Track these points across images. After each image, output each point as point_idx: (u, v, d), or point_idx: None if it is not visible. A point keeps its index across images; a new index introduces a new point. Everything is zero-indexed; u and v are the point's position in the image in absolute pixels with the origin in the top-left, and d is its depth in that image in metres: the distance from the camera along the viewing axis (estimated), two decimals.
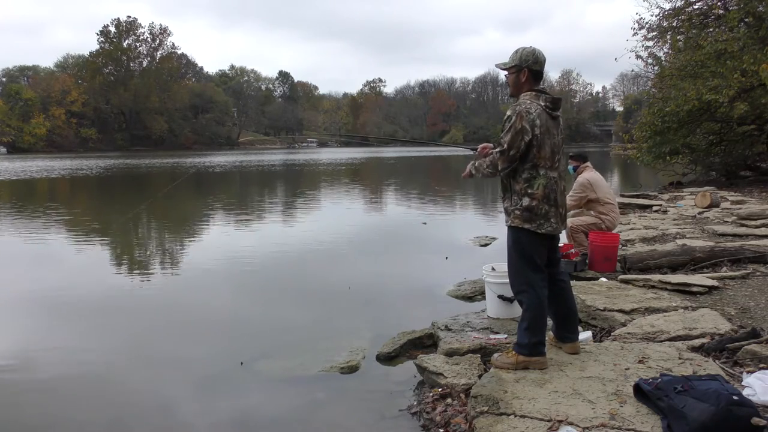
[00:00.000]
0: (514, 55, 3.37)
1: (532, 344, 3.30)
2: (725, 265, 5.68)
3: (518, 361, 3.31)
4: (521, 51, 3.36)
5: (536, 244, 3.33)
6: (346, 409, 3.54)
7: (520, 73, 3.35)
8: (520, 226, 3.31)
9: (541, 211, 3.28)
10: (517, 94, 3.38)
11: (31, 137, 76.48)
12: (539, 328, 3.33)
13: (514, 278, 3.42)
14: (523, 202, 3.28)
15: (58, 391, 3.91)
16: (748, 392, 2.82)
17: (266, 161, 43.98)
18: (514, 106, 3.29)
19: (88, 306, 5.77)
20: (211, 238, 10.50)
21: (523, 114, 3.21)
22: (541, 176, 3.27)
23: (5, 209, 14.65)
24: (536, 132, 3.22)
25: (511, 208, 3.35)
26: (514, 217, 3.33)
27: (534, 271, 3.33)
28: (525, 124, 3.20)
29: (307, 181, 25.98)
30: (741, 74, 12.56)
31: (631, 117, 52.78)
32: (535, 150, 3.24)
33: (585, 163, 6.45)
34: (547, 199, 3.29)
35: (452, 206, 14.82)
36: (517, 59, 3.35)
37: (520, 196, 3.30)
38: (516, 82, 3.38)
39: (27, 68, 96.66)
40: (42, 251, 8.94)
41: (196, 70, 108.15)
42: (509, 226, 3.37)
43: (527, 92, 3.33)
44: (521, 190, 3.29)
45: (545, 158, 3.27)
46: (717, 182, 16.15)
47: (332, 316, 5.42)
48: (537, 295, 3.32)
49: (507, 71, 3.41)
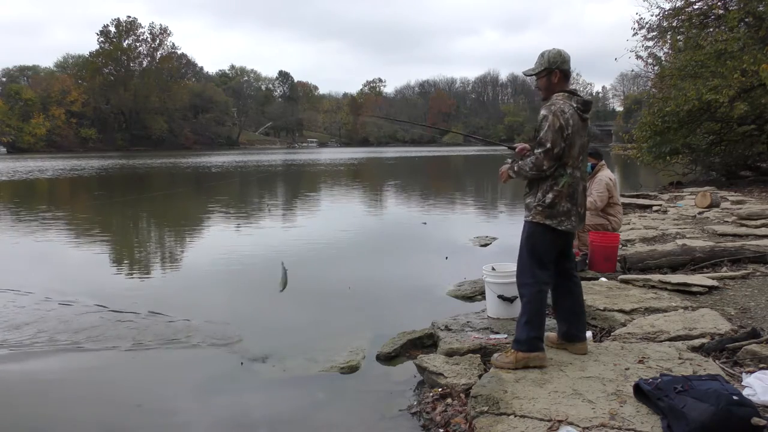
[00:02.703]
0: (541, 59, 3.39)
1: (531, 339, 3.32)
2: (725, 265, 5.68)
3: (517, 359, 3.32)
4: (547, 54, 3.38)
5: (551, 241, 3.37)
6: (346, 409, 3.53)
7: (551, 75, 3.38)
8: (540, 221, 3.33)
9: (563, 209, 3.32)
10: (550, 97, 3.39)
11: (31, 137, 76.47)
12: (539, 324, 3.36)
13: (520, 270, 3.44)
14: (547, 199, 3.31)
15: (57, 391, 3.91)
16: (748, 392, 2.82)
17: (266, 161, 43.99)
18: (548, 105, 3.31)
19: (88, 306, 5.76)
20: (210, 237, 10.49)
21: (558, 113, 3.24)
22: (567, 174, 3.31)
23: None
24: (569, 131, 3.26)
25: (534, 203, 3.36)
26: (535, 213, 3.34)
27: (541, 267, 3.37)
28: (562, 122, 3.24)
29: (308, 181, 25.98)
30: (741, 74, 12.57)
31: (631, 117, 52.81)
32: (567, 149, 3.27)
33: (601, 161, 6.40)
34: (570, 198, 3.33)
35: (452, 206, 14.82)
36: (545, 62, 3.37)
37: (544, 192, 3.32)
38: (548, 85, 3.41)
39: (27, 68, 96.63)
40: (37, 251, 8.95)
41: (196, 70, 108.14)
42: (529, 221, 3.38)
43: (559, 93, 3.36)
44: (547, 187, 3.32)
45: (573, 157, 3.32)
46: (717, 182, 16.16)
47: (332, 316, 5.42)
48: (540, 290, 3.37)
49: (536, 77, 3.44)
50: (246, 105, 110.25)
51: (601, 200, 6.10)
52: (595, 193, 6.11)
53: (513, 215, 12.69)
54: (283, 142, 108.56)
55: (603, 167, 6.30)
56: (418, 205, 14.83)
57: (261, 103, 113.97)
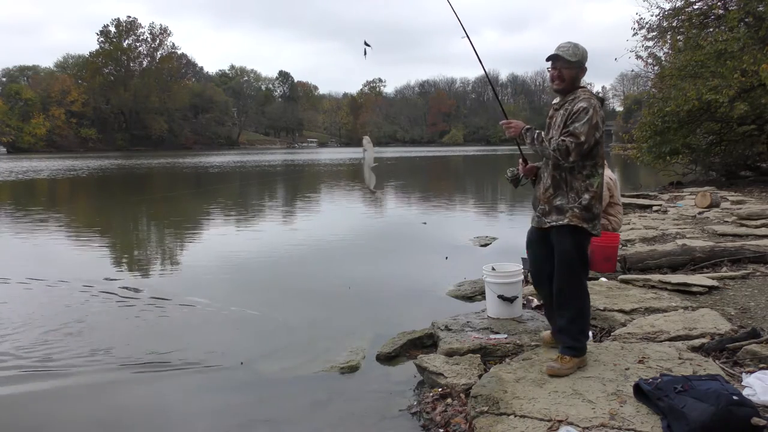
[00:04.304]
0: (576, 50, 3.19)
1: (585, 345, 3.32)
2: (725, 265, 5.67)
3: (576, 364, 3.23)
4: (582, 49, 3.23)
5: (587, 247, 3.28)
6: (346, 409, 3.53)
7: (580, 71, 3.24)
8: (578, 225, 3.14)
9: (597, 211, 3.21)
10: (570, 89, 3.23)
11: (31, 137, 76.52)
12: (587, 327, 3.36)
13: (569, 285, 3.19)
14: (583, 200, 3.14)
15: (55, 391, 3.90)
16: (748, 392, 2.82)
17: (267, 161, 43.98)
18: (588, 98, 3.13)
19: (87, 304, 5.76)
20: (210, 237, 10.48)
21: (597, 109, 3.11)
22: (599, 175, 3.19)
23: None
24: (601, 131, 3.15)
25: (568, 205, 3.15)
26: (572, 216, 3.14)
27: (587, 275, 3.28)
28: (599, 120, 3.11)
29: (308, 181, 25.98)
30: (741, 74, 12.56)
31: (631, 117, 52.73)
32: (597, 147, 3.16)
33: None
34: (601, 200, 3.23)
35: (452, 206, 14.82)
36: (580, 56, 3.21)
37: (579, 193, 3.15)
38: (574, 79, 3.23)
39: (27, 68, 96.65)
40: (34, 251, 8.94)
41: (196, 70, 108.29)
42: (566, 224, 3.16)
43: (584, 88, 3.23)
44: (581, 187, 3.15)
45: (602, 157, 3.24)
46: (717, 182, 16.15)
47: (332, 316, 5.42)
48: (589, 300, 3.32)
49: (568, 66, 3.19)
50: (246, 105, 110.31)
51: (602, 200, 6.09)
52: None
53: (513, 215, 12.70)
54: (283, 142, 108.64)
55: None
56: (418, 205, 14.83)
57: (261, 103, 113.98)
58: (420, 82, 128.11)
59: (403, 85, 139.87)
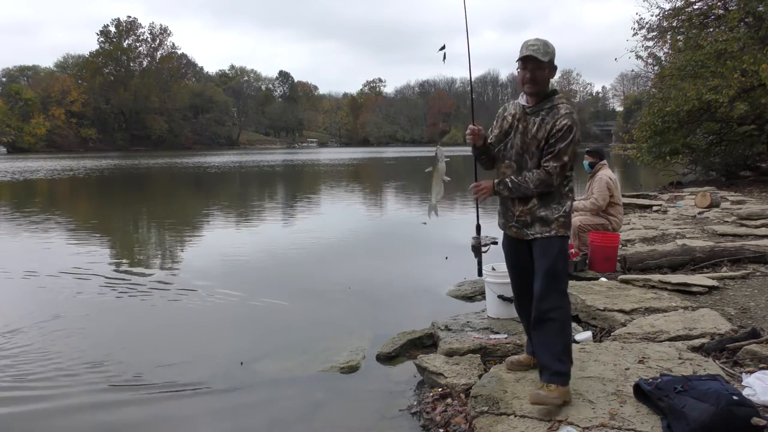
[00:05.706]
0: (546, 49, 2.94)
1: (569, 370, 2.95)
2: (725, 265, 5.67)
3: (564, 394, 2.86)
4: (552, 47, 2.97)
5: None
6: (346, 409, 3.53)
7: (551, 70, 3.00)
8: (564, 234, 3.04)
9: (571, 214, 3.20)
10: (544, 92, 3.01)
11: (31, 137, 76.53)
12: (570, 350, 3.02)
13: (554, 292, 2.97)
14: (566, 207, 3.04)
15: (55, 392, 3.90)
16: (748, 392, 2.82)
17: (267, 161, 43.96)
18: (569, 112, 2.94)
19: (87, 304, 5.76)
20: (210, 237, 10.49)
21: (577, 122, 2.97)
22: (572, 179, 3.10)
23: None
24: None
25: (554, 216, 3.01)
26: (558, 226, 3.01)
27: (567, 284, 3.15)
28: (578, 134, 2.97)
29: (308, 181, 25.97)
30: (741, 74, 12.57)
31: (631, 117, 52.70)
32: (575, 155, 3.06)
33: (602, 161, 6.35)
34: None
35: (452, 206, 14.81)
36: (551, 54, 2.95)
37: (561, 202, 3.04)
38: (547, 80, 3.01)
39: (27, 68, 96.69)
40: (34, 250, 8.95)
41: (196, 70, 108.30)
42: (555, 235, 3.01)
43: (560, 95, 3.04)
44: (561, 196, 3.04)
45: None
46: (717, 182, 16.14)
47: (332, 316, 5.42)
48: (570, 311, 3.12)
49: (538, 65, 2.94)
50: (246, 105, 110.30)
51: (603, 199, 6.09)
52: (596, 193, 6.11)
53: None
54: (283, 142, 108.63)
55: (603, 166, 6.30)
56: (418, 205, 14.82)
57: (261, 103, 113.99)
58: (420, 82, 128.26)
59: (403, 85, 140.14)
